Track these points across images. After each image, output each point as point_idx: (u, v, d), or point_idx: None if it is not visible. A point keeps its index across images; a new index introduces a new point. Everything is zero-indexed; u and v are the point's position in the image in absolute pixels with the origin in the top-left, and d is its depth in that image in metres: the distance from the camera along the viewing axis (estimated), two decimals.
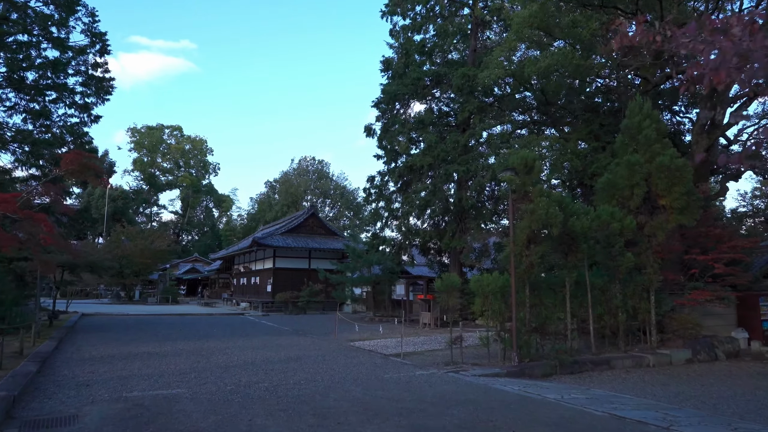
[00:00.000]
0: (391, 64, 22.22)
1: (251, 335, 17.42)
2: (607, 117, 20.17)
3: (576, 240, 11.82)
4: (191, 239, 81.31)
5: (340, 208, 67.18)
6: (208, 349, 13.44)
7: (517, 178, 11.53)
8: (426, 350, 13.93)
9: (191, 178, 77.81)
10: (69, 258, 15.67)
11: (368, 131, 22.22)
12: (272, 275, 33.01)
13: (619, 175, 13.69)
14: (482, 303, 11.42)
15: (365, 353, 13.21)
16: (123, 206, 63.72)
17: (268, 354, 12.56)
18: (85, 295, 46.60)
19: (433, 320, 20.19)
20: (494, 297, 11.32)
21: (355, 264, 25.87)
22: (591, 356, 12.18)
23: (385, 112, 21.71)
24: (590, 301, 12.66)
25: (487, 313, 11.39)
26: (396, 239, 22.48)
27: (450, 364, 11.32)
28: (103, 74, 20.86)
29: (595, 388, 9.45)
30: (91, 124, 21.04)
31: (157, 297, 43.38)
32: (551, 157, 17.67)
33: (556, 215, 10.90)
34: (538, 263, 11.32)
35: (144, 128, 76.19)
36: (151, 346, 13.82)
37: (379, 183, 22.75)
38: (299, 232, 35.03)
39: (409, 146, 20.51)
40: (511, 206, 11.60)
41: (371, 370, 10.45)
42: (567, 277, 12.20)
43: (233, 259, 43.90)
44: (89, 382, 8.54)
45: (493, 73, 17.40)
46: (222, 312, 31.47)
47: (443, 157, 19.17)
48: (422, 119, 20.60)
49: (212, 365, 10.66)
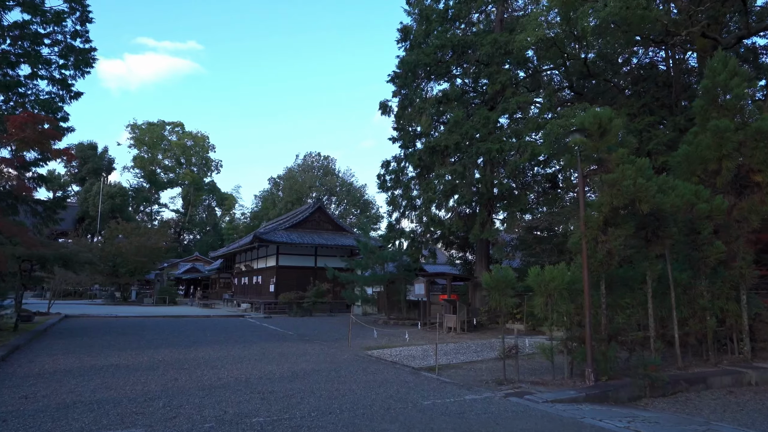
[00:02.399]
0: (409, 32, 19.55)
1: (249, 342, 14.84)
2: (661, 90, 17.54)
3: (663, 222, 9.18)
4: (193, 238, 78.99)
5: (347, 205, 64.59)
6: (194, 360, 10.86)
7: (588, 142, 8.91)
8: (463, 362, 11.31)
9: (193, 175, 75.31)
10: (26, 249, 13.12)
11: (384, 108, 19.57)
12: (275, 274, 30.44)
13: (703, 146, 11.03)
14: (544, 304, 8.80)
15: (388, 366, 10.60)
16: (122, 203, 61.28)
17: (268, 368, 9.97)
18: (79, 295, 44.17)
19: (458, 324, 17.56)
20: (560, 296, 8.70)
21: (367, 261, 23.26)
22: (679, 371, 9.54)
23: (402, 87, 19.05)
24: (673, 302, 10.03)
25: (551, 316, 8.76)
26: (416, 231, 19.81)
27: (504, 382, 8.71)
28: (84, 44, 18.38)
29: (717, 422, 6.82)
30: (70, 100, 18.52)
31: (154, 298, 40.90)
32: None
33: (646, 187, 8.26)
34: (618, 251, 8.68)
35: (145, 124, 73.83)
36: (125, 355, 11.26)
37: (396, 168, 20.12)
38: (305, 227, 32.44)
39: (431, 124, 17.87)
40: (580, 178, 8.98)
41: (404, 392, 7.85)
42: (649, 270, 9.56)
43: (234, 258, 41.39)
44: (7, 416, 5.97)
45: (532, 35, 14.78)
46: (221, 314, 28.90)
47: (471, 135, 16.55)
48: (446, 93, 17.95)
49: (193, 384, 8.09)
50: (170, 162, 76.41)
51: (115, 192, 60.17)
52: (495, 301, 9.01)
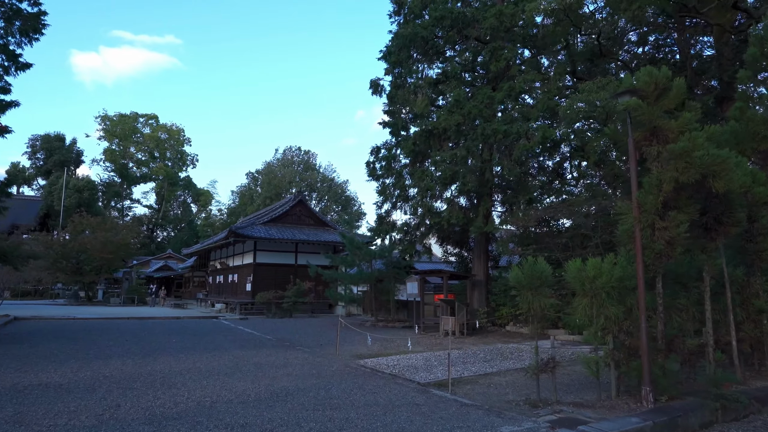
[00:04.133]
0: (403, 4, 17.68)
1: (221, 349, 12.81)
2: (676, 73, 16.02)
3: (730, 205, 7.51)
4: (167, 235, 75.80)
5: (328, 201, 62.38)
6: (148, 375, 8.83)
7: (642, 106, 7.18)
8: (476, 375, 9.50)
9: (167, 169, 72.06)
10: None
11: (375, 87, 17.63)
12: (252, 272, 28.28)
13: (758, 120, 9.46)
14: (589, 305, 7.04)
15: (389, 381, 8.73)
16: (90, 198, 57.92)
17: (240, 386, 8.00)
18: (40, 295, 41.21)
19: (457, 327, 15.78)
20: (607, 296, 6.96)
21: (353, 257, 21.34)
22: (744, 387, 7.90)
23: (396, 64, 17.16)
24: (729, 303, 8.41)
25: (598, 321, 7.02)
26: (409, 224, 17.93)
27: (539, 404, 6.92)
28: (32, 8, 16.05)
29: None
30: (17, 71, 16.19)
31: (122, 297, 38.21)
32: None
33: (724, 159, 6.55)
34: (681, 240, 6.96)
35: (116, 116, 70.32)
36: (64, 370, 9.16)
37: (387, 155, 18.22)
38: (284, 221, 30.30)
39: (428, 105, 16.03)
40: (632, 150, 7.24)
41: (420, 424, 5.98)
42: (707, 264, 7.88)
43: (209, 255, 38.96)
44: None
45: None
46: (192, 315, 26.63)
47: (475, 116, 14.77)
48: (445, 71, 16.13)
49: (138, 414, 6.10)
50: (143, 156, 73.06)
51: (82, 186, 56.82)
52: (527, 303, 7.21)
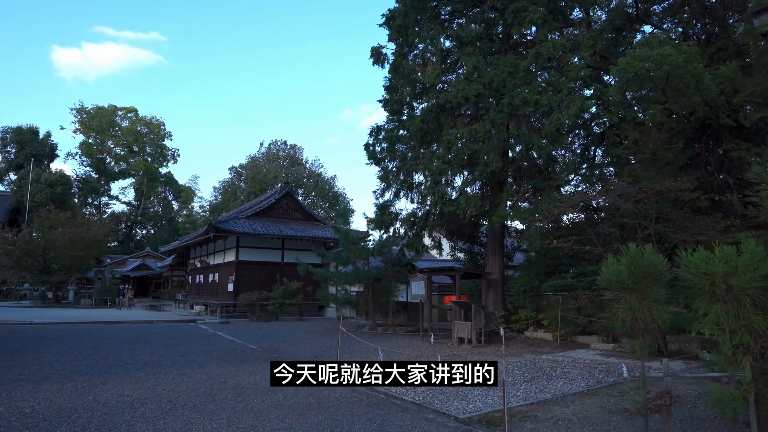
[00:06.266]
0: None
1: (193, 364, 10.38)
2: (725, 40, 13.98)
3: None
4: (146, 233, 72.52)
5: (315, 198, 59.88)
6: (85, 409, 6.40)
7: None
8: (528, 404, 7.23)
9: (146, 164, 68.81)
10: None
11: (376, 55, 15.23)
12: (235, 271, 25.74)
13: None
14: (724, 313, 4.82)
15: (415, 415, 6.44)
16: (63, 193, 54.62)
17: (211, 428, 5.63)
18: (5, 296, 38.12)
19: (474, 334, 13.53)
20: (752, 302, 4.75)
21: (347, 254, 19.00)
22: None
23: (401, 31, 14.86)
24: None
25: (734, 336, 4.81)
26: (416, 214, 15.62)
27: None
28: None
29: None
30: None
31: (93, 298, 35.31)
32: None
33: None
34: None
35: (93, 109, 66.81)
36: None
37: (388, 136, 15.88)
38: (270, 216, 27.80)
39: (439, 74, 13.75)
40: None
41: None
42: None
43: (188, 252, 36.26)
44: None
45: None
46: (168, 318, 24.00)
47: (498, 85, 12.52)
48: (459, 36, 13.87)
49: None
50: (121, 150, 69.62)
51: (55, 180, 53.48)
52: (630, 310, 4.95)
